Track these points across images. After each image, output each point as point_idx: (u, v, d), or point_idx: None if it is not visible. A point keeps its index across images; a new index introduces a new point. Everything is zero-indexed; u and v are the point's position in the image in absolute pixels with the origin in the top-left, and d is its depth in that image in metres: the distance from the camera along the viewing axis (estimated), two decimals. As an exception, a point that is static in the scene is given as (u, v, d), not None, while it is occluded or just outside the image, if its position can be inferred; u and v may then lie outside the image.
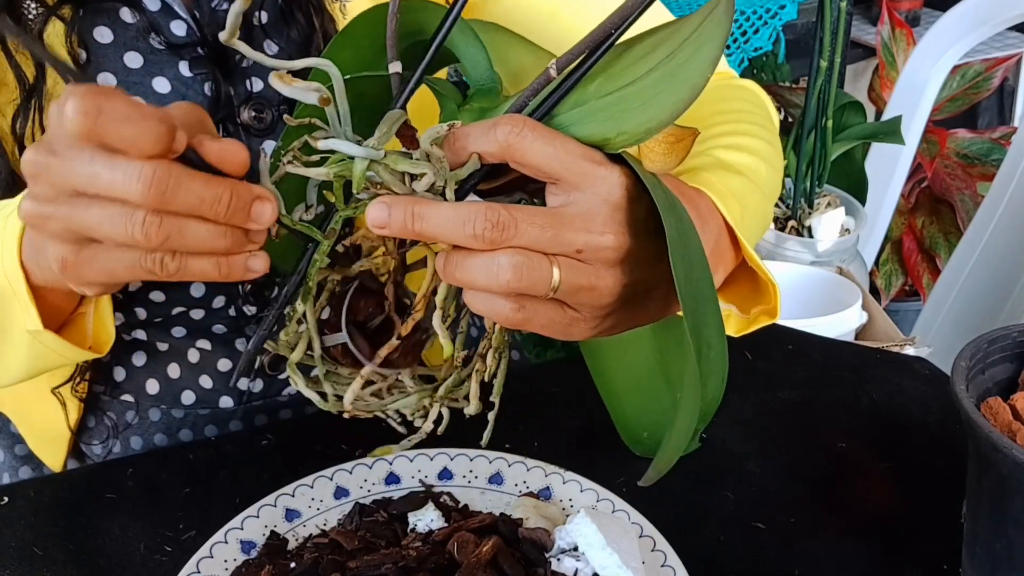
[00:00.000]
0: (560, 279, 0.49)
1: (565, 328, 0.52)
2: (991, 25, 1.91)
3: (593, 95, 0.51)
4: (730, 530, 0.68)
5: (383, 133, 0.49)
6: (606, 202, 0.49)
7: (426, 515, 0.64)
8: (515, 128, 0.48)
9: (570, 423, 0.78)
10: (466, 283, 0.49)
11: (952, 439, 0.75)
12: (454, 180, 0.49)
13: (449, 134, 0.50)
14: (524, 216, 0.48)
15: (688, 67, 0.50)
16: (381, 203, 0.48)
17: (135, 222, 0.47)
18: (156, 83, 0.71)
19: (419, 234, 0.48)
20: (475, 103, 0.56)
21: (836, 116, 1.75)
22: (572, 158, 0.49)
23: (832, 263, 1.71)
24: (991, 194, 1.87)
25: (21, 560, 0.65)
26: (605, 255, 0.50)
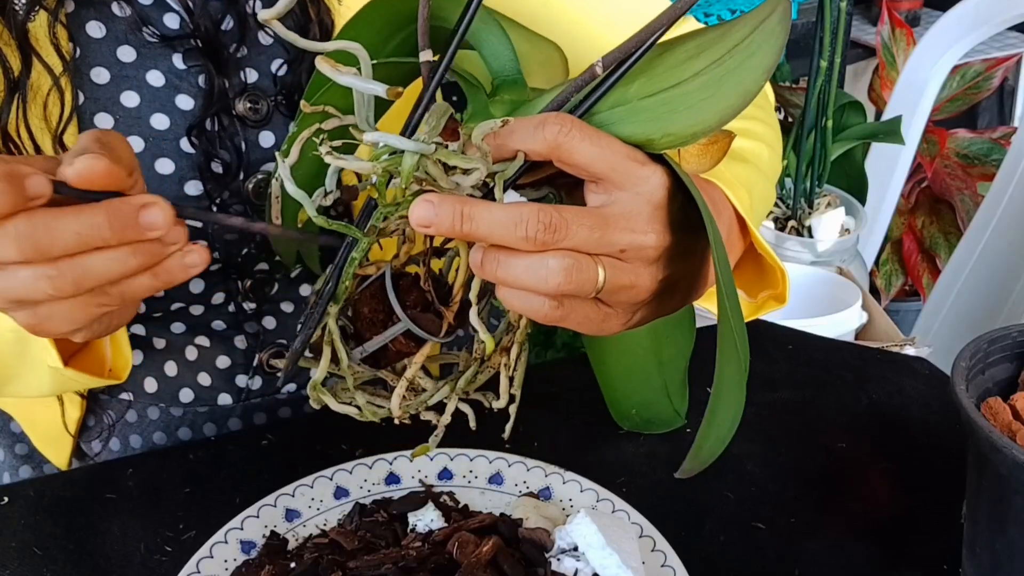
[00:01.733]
0: (605, 279, 0.49)
1: (599, 324, 0.52)
2: (991, 25, 1.91)
3: (635, 95, 0.50)
4: (730, 530, 0.68)
5: (432, 127, 0.48)
6: (649, 202, 0.49)
7: (426, 515, 0.64)
8: (564, 128, 0.48)
9: (570, 423, 0.78)
10: (509, 282, 0.48)
11: (952, 439, 0.75)
12: (502, 179, 0.48)
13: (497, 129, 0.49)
14: (574, 217, 0.47)
15: (739, 73, 0.49)
16: (427, 201, 0.46)
17: (39, 278, 0.48)
18: (150, 76, 0.71)
19: (467, 235, 0.47)
20: (504, 95, 0.55)
21: (836, 116, 1.75)
22: (618, 158, 0.49)
23: (832, 263, 1.71)
24: (991, 194, 1.87)
25: (21, 560, 0.65)
26: (646, 254, 0.50)
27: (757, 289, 0.66)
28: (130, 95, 0.71)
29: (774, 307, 0.66)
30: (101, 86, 0.70)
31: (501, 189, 0.48)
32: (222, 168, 0.73)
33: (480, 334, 0.52)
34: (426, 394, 0.56)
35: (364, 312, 0.54)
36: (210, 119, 0.72)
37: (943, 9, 2.00)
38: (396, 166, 0.48)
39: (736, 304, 0.52)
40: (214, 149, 0.72)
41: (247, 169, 0.74)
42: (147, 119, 0.71)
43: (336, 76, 0.47)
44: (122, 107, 0.71)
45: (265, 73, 0.74)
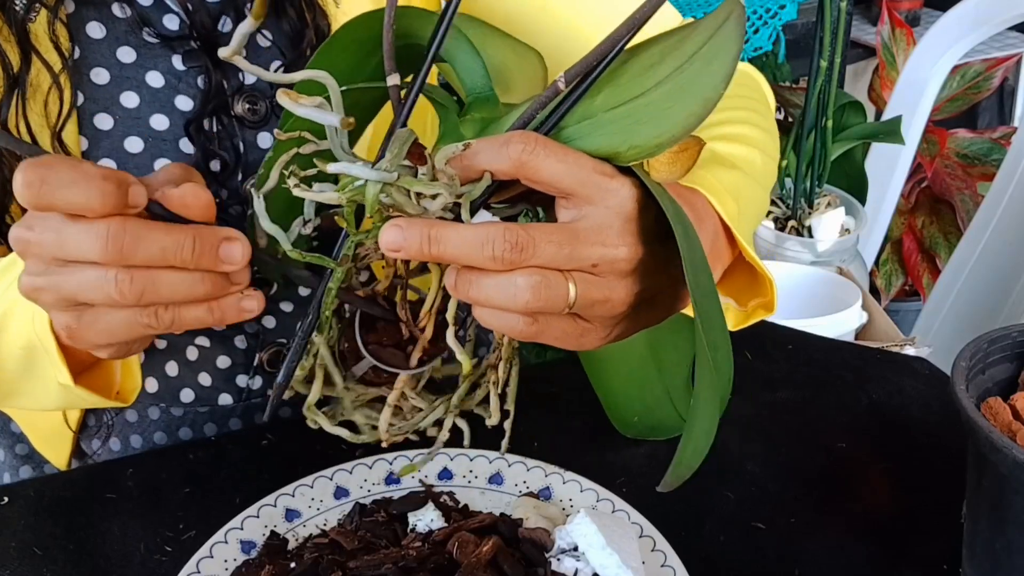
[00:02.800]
0: (576, 294, 0.49)
1: (577, 339, 0.52)
2: (991, 25, 1.91)
3: (600, 108, 0.50)
4: (730, 530, 0.68)
5: (395, 154, 0.48)
6: (619, 215, 0.49)
7: (426, 515, 0.64)
8: (528, 146, 0.48)
9: (570, 423, 0.78)
10: (481, 302, 0.49)
11: (952, 439, 0.75)
12: (468, 200, 0.49)
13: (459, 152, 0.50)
14: (542, 235, 0.47)
15: (700, 81, 0.49)
16: (395, 227, 0.47)
17: (108, 280, 0.49)
18: (149, 77, 0.71)
19: (436, 257, 0.48)
20: (475, 113, 0.55)
21: (836, 116, 1.75)
22: (585, 173, 0.49)
23: (832, 263, 1.71)
24: (991, 194, 1.87)
25: (21, 560, 0.65)
26: (619, 267, 0.50)
27: (747, 297, 0.66)
28: (130, 95, 0.71)
29: (763, 315, 0.66)
30: (101, 87, 0.71)
31: (467, 210, 0.49)
32: (221, 168, 0.73)
33: (457, 354, 0.52)
34: (419, 416, 0.57)
35: (344, 344, 0.56)
36: (209, 119, 0.72)
37: (943, 9, 2.00)
38: (362, 195, 0.49)
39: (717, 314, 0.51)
40: (213, 149, 0.72)
41: (246, 169, 0.74)
42: (147, 119, 0.71)
43: (294, 108, 0.48)
44: (122, 107, 0.71)
45: None
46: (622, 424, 0.77)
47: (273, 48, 0.74)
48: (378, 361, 0.54)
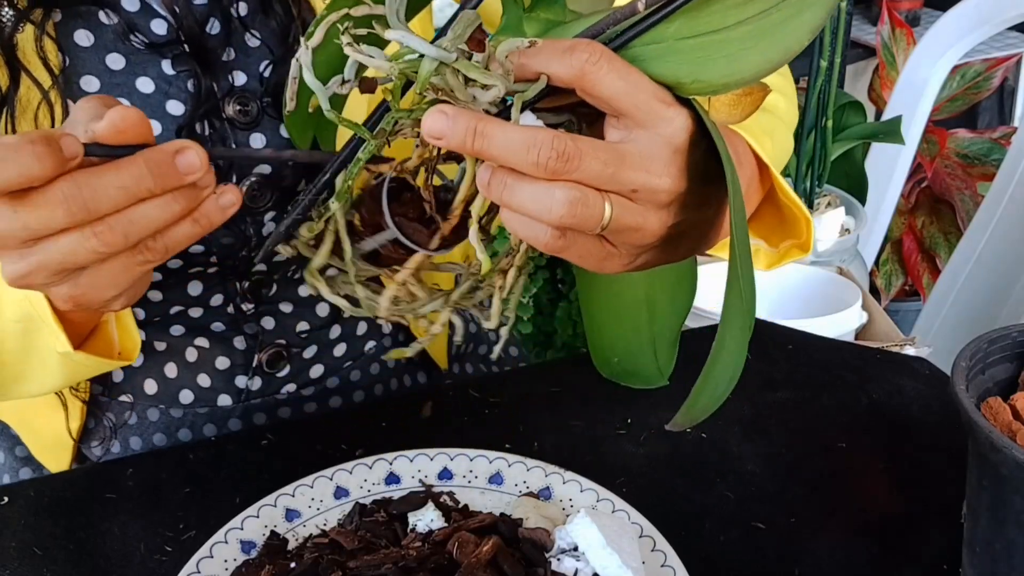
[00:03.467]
0: (611, 217, 0.47)
1: (600, 262, 0.51)
2: (991, 25, 1.91)
3: (673, 35, 0.48)
4: (730, 530, 0.68)
5: (458, 35, 0.46)
6: (668, 145, 0.48)
7: (426, 515, 0.64)
8: (592, 57, 0.46)
9: (570, 423, 0.78)
10: (513, 207, 0.47)
11: (952, 439, 0.75)
12: (520, 100, 0.47)
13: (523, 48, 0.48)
14: (589, 149, 0.46)
15: (784, 29, 0.47)
16: (441, 112, 0.45)
17: (87, 238, 0.48)
18: (139, 83, 0.71)
19: (478, 152, 0.46)
20: (541, 12, 0.53)
21: (836, 116, 1.75)
22: (643, 96, 0.47)
23: (832, 263, 1.71)
24: (991, 194, 1.87)
25: (21, 560, 0.65)
26: (658, 197, 0.48)
27: (777, 238, 0.65)
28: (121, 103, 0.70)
29: (798, 255, 0.64)
30: (91, 95, 0.70)
31: (518, 110, 0.47)
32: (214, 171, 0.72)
33: (477, 253, 0.50)
34: (419, 302, 0.54)
35: (362, 213, 0.53)
36: (200, 122, 0.72)
37: (943, 9, 2.00)
38: (414, 69, 0.46)
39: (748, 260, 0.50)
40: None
41: (239, 172, 0.73)
42: None
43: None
44: None
45: (253, 75, 0.74)
46: (601, 362, 0.76)
47: (263, 47, 0.74)
48: (402, 233, 0.52)
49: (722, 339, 0.51)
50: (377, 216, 0.52)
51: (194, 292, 0.78)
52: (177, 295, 0.77)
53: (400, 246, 0.53)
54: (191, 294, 0.78)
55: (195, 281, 0.78)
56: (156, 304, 0.78)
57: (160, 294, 0.77)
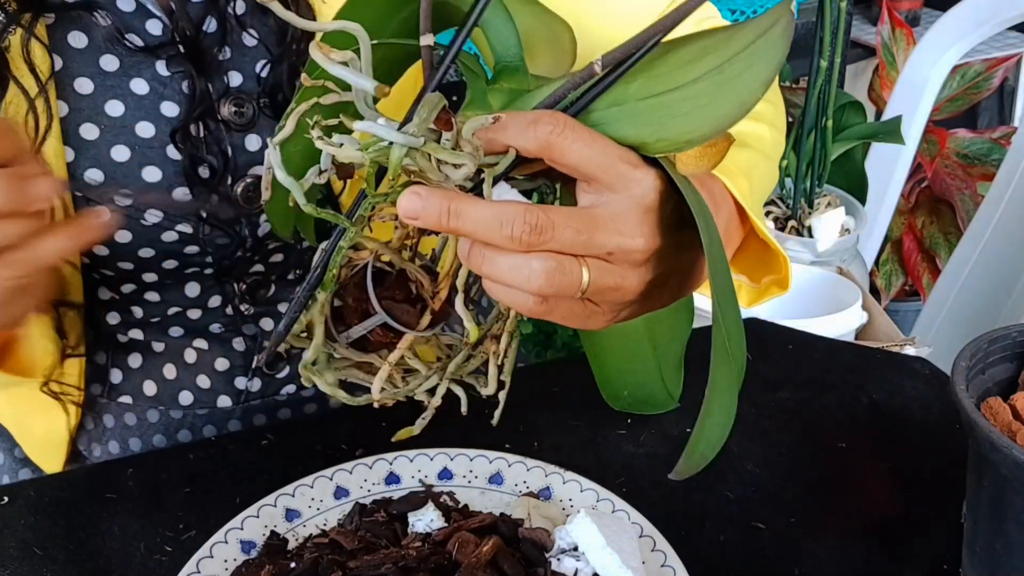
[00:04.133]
0: (589, 281, 0.48)
1: (584, 320, 0.52)
2: (991, 25, 1.91)
3: (633, 96, 0.49)
4: (730, 530, 0.68)
5: (423, 119, 0.47)
6: (639, 205, 0.49)
7: (426, 515, 0.64)
8: (556, 128, 0.47)
9: (570, 423, 0.78)
10: (493, 278, 0.48)
11: (952, 439, 0.75)
12: (492, 175, 0.48)
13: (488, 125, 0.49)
14: (561, 219, 0.47)
15: (738, 82, 0.49)
16: (415, 194, 0.47)
17: None
18: (134, 84, 0.70)
19: (453, 230, 0.47)
20: (503, 83, 0.54)
21: (836, 116, 1.75)
22: (610, 160, 0.48)
23: (832, 263, 1.71)
24: (991, 194, 1.87)
25: (21, 560, 0.65)
26: (634, 257, 0.49)
27: (760, 274, 0.66)
28: (115, 104, 0.70)
29: (777, 293, 0.65)
30: (85, 96, 0.70)
31: (489, 184, 0.48)
32: (209, 173, 0.72)
33: (465, 322, 0.51)
34: (415, 381, 0.55)
35: (348, 301, 0.54)
36: (195, 124, 0.71)
37: (943, 9, 2.00)
38: (385, 157, 0.48)
39: (733, 307, 0.51)
40: (200, 154, 0.71)
41: (235, 173, 0.73)
42: (132, 127, 0.70)
43: (327, 65, 0.47)
44: (107, 116, 0.70)
45: (249, 76, 0.73)
46: (612, 397, 0.78)
47: (260, 46, 0.73)
48: (390, 317, 0.53)
49: (712, 389, 0.52)
50: (364, 303, 0.54)
51: (192, 294, 0.78)
52: (175, 296, 0.77)
53: (389, 329, 0.54)
54: (189, 296, 0.78)
55: (192, 282, 0.77)
56: (154, 304, 0.78)
57: (157, 295, 0.77)
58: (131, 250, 0.72)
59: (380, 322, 0.54)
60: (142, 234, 0.72)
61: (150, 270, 0.74)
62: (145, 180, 0.71)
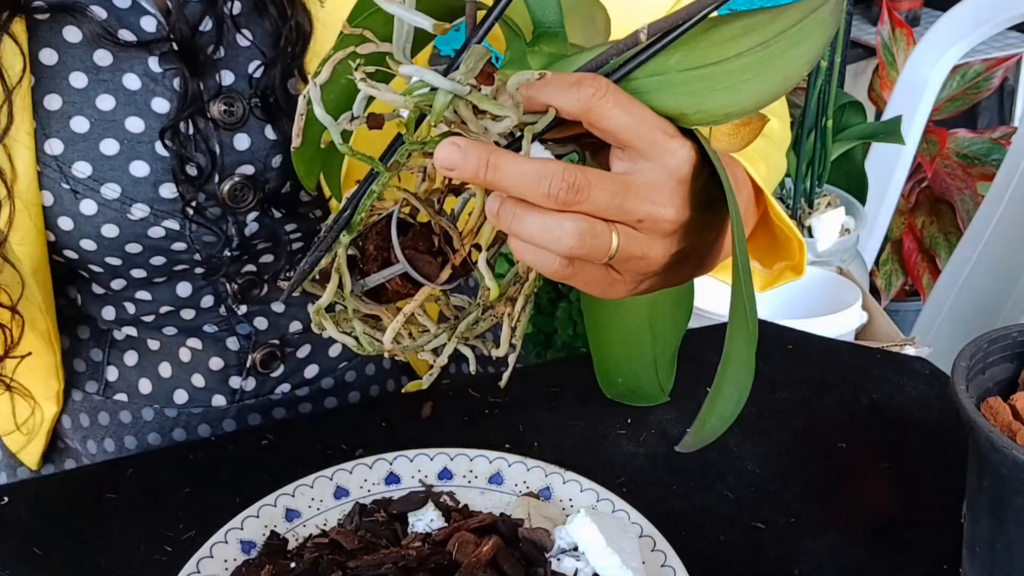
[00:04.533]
0: (618, 247, 0.48)
1: (605, 288, 0.52)
2: (991, 25, 1.91)
3: (674, 67, 0.49)
4: (730, 530, 0.68)
5: (469, 68, 0.47)
6: (672, 175, 0.49)
7: (426, 515, 0.64)
8: (598, 91, 0.47)
9: (570, 423, 0.78)
10: (522, 236, 0.48)
11: (952, 439, 0.75)
12: (531, 132, 0.48)
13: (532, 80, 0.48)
14: (597, 180, 0.47)
15: (782, 59, 0.48)
16: (454, 144, 0.46)
17: None
18: (126, 80, 0.71)
19: (490, 183, 0.46)
20: (543, 46, 0.53)
21: (836, 116, 1.75)
22: (647, 128, 0.48)
23: (832, 263, 1.71)
24: (991, 194, 1.87)
25: (21, 560, 0.65)
26: (663, 227, 0.49)
27: (771, 260, 0.66)
28: (106, 98, 0.70)
29: (791, 278, 0.65)
30: (79, 90, 0.70)
31: (529, 141, 0.48)
32: (196, 171, 0.72)
33: (485, 280, 0.51)
34: (425, 336, 0.55)
35: (369, 248, 0.53)
36: (184, 122, 0.71)
37: (943, 9, 2.00)
38: (428, 103, 0.47)
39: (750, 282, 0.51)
40: (188, 152, 0.71)
41: (222, 172, 0.73)
42: (122, 122, 0.70)
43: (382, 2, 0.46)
44: (97, 110, 0.70)
45: (241, 75, 0.73)
46: (607, 383, 0.78)
47: (252, 48, 0.73)
48: (412, 267, 0.52)
49: (728, 360, 0.52)
50: (385, 251, 0.53)
51: (183, 293, 0.78)
52: (166, 296, 0.77)
53: (408, 280, 0.53)
54: (180, 295, 0.78)
55: (184, 282, 0.77)
56: (146, 303, 0.78)
57: (148, 294, 0.77)
58: (118, 245, 0.72)
59: (401, 271, 0.53)
60: (128, 228, 0.72)
61: (137, 266, 0.74)
62: (132, 174, 0.71)
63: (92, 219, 0.71)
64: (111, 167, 0.71)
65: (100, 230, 0.71)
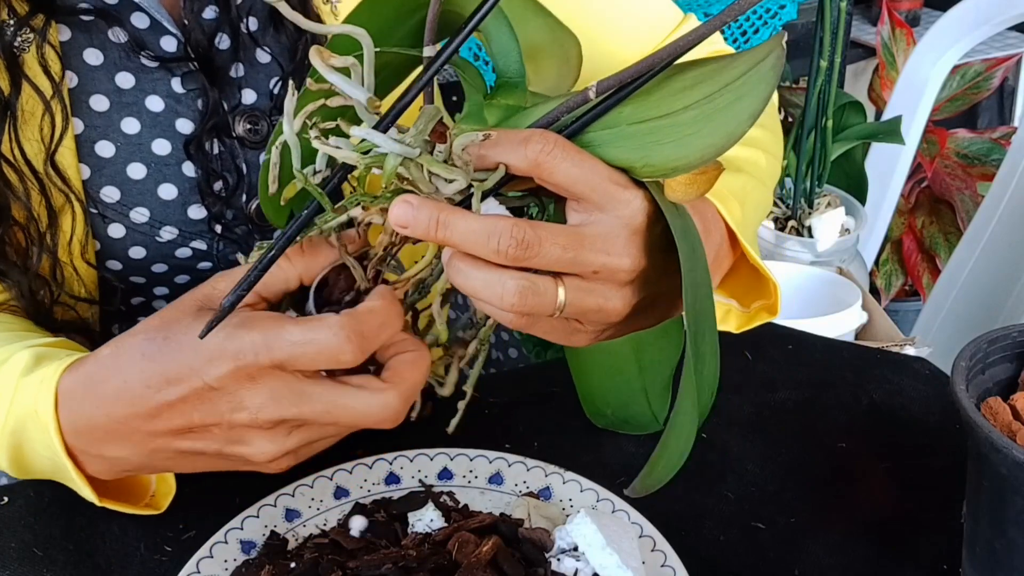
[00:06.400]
0: (566, 301, 0.49)
1: (566, 336, 0.52)
2: (991, 25, 1.91)
3: (625, 119, 0.50)
4: (730, 530, 0.68)
5: (420, 130, 0.48)
6: (627, 226, 0.49)
7: (426, 515, 0.64)
8: (546, 147, 0.48)
9: (570, 423, 0.78)
10: (467, 292, 0.49)
11: (952, 439, 0.75)
12: (480, 189, 0.49)
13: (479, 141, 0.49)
14: (548, 235, 0.48)
15: (726, 114, 0.49)
16: (406, 203, 0.47)
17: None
18: (149, 102, 0.70)
19: (441, 240, 0.48)
20: (501, 98, 0.54)
21: (836, 116, 1.75)
22: (598, 180, 0.49)
23: (832, 263, 1.71)
24: (991, 194, 1.87)
25: (21, 560, 0.65)
26: (619, 277, 0.50)
27: (750, 299, 0.66)
28: (130, 121, 0.70)
29: (766, 318, 0.66)
30: (101, 113, 0.69)
31: (478, 200, 0.49)
32: (223, 188, 0.72)
33: (437, 323, 0.52)
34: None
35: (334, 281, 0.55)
36: (209, 140, 0.71)
37: (943, 9, 2.00)
38: (380, 163, 0.48)
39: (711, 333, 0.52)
40: (215, 169, 0.71)
41: (249, 190, 0.73)
42: (148, 145, 0.70)
43: (325, 71, 0.47)
44: (123, 134, 0.70)
45: (263, 93, 0.73)
46: (594, 414, 0.77)
47: (273, 63, 0.73)
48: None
49: (677, 411, 0.52)
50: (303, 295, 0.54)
51: None
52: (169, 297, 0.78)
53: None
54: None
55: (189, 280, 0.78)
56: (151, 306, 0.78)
57: (165, 304, 0.77)
58: (144, 265, 0.72)
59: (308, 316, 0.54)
60: (157, 250, 0.72)
61: (162, 284, 0.74)
62: (161, 198, 0.71)
63: (119, 242, 0.71)
64: (139, 191, 0.70)
65: (128, 252, 0.71)
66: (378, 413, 0.51)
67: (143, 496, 0.66)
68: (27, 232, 0.68)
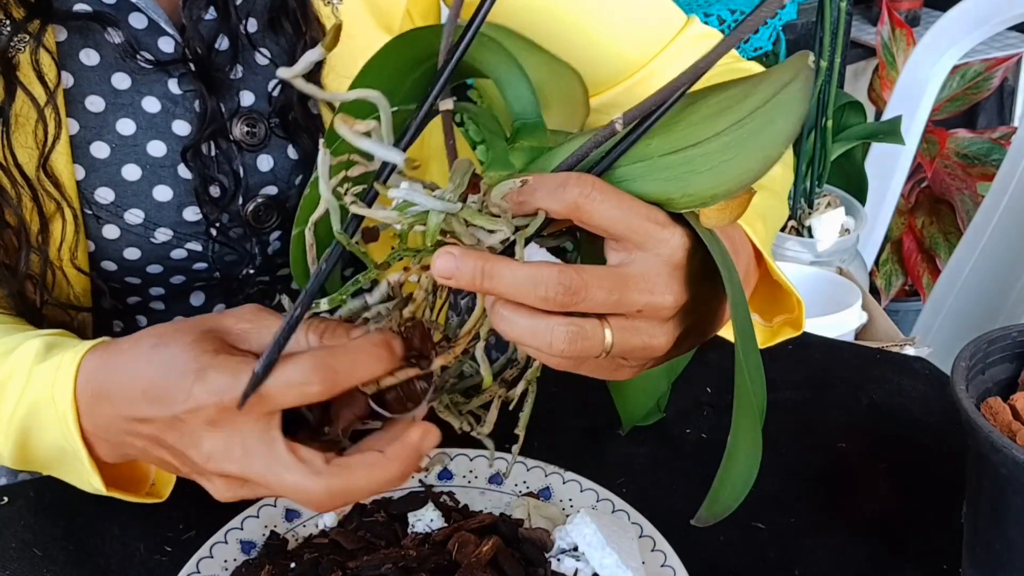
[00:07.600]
0: (613, 342, 0.49)
1: (612, 372, 0.52)
2: (991, 25, 1.91)
3: (656, 151, 0.49)
4: (730, 530, 0.67)
5: (457, 184, 0.48)
6: (668, 263, 0.49)
7: (426, 515, 0.64)
8: (584, 190, 0.47)
9: (570, 423, 0.78)
10: (514, 339, 0.49)
11: (952, 439, 0.75)
12: (523, 236, 0.48)
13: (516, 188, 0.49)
14: (594, 279, 0.47)
15: (759, 138, 0.48)
16: (449, 254, 0.47)
17: None
18: (145, 103, 0.70)
19: (487, 290, 0.47)
20: (524, 141, 0.54)
21: (836, 116, 1.75)
22: (638, 220, 0.48)
23: (832, 263, 1.71)
24: (991, 194, 1.87)
25: (21, 560, 0.65)
26: (662, 313, 0.49)
27: (771, 313, 0.66)
28: (126, 123, 0.70)
29: (790, 333, 0.66)
30: (96, 114, 0.69)
31: (522, 247, 0.48)
32: (220, 192, 0.72)
33: (480, 369, 0.52)
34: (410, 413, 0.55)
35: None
36: (206, 143, 0.71)
37: (943, 9, 2.00)
38: (421, 221, 0.48)
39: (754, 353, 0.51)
40: (211, 173, 0.71)
41: (246, 193, 0.73)
42: (143, 146, 0.70)
43: (353, 139, 0.46)
44: (118, 135, 0.69)
45: (261, 95, 0.72)
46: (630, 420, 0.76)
47: (271, 67, 0.73)
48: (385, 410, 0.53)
49: (736, 436, 0.52)
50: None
51: (196, 303, 0.78)
52: (180, 307, 0.78)
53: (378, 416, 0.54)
54: (194, 305, 0.78)
55: (198, 292, 0.78)
56: (159, 313, 0.78)
57: (162, 304, 0.77)
58: (139, 266, 0.72)
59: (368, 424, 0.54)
60: (151, 251, 0.71)
61: (157, 284, 0.74)
62: (156, 199, 0.70)
63: (114, 243, 0.70)
64: (133, 193, 0.70)
65: (122, 253, 0.71)
66: (304, 497, 0.52)
67: (144, 484, 0.66)
68: (18, 236, 0.68)
